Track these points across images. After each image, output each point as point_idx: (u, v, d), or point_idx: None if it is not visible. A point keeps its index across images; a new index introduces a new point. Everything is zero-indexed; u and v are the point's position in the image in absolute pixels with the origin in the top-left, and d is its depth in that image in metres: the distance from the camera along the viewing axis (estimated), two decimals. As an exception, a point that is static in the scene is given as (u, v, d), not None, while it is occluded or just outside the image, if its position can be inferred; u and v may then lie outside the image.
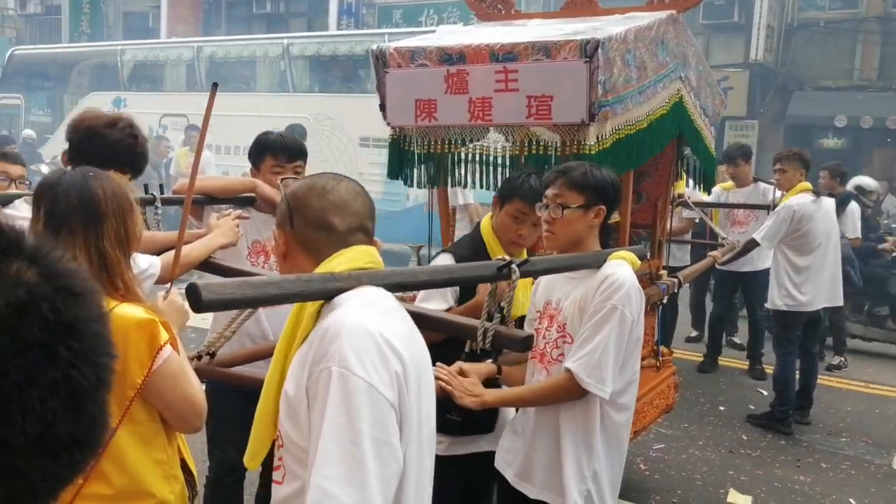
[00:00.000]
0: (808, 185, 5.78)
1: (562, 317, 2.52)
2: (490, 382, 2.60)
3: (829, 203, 5.87)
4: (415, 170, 3.72)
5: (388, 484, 1.35)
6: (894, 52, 15.56)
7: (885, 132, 15.18)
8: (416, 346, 1.54)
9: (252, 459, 1.67)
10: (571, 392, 2.41)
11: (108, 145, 2.64)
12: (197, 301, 1.34)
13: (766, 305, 6.09)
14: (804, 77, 16.30)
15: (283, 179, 3.15)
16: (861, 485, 4.89)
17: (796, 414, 5.89)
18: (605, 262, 2.49)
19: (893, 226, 12.33)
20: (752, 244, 5.84)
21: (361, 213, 1.63)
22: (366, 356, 1.37)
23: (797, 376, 5.93)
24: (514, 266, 2.05)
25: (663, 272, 4.47)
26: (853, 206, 7.73)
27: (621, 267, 2.45)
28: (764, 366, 6.97)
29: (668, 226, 4.74)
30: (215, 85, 2.13)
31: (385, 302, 1.54)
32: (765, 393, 6.55)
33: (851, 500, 4.65)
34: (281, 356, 1.56)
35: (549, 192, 2.54)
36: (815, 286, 5.73)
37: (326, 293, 1.50)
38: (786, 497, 4.65)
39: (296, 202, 1.62)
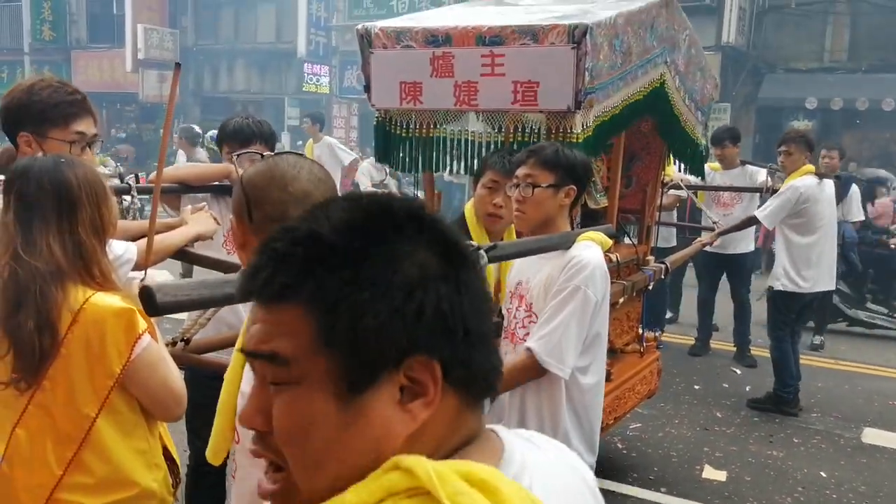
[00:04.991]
0: (812, 167, 5.81)
1: (529, 296, 2.53)
2: None
3: (831, 186, 5.89)
4: (400, 153, 3.63)
5: None
6: (863, 33, 15.72)
7: (854, 114, 15.35)
8: None
9: (214, 455, 1.61)
10: (531, 371, 2.40)
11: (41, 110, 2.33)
12: (152, 304, 1.28)
13: (768, 283, 6.07)
14: (775, 59, 16.43)
15: (238, 155, 3.01)
16: (831, 458, 5.03)
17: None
18: (573, 242, 2.48)
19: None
20: (752, 220, 5.85)
21: None
22: None
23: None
24: (481, 251, 2.01)
25: (650, 258, 4.45)
26: (855, 189, 7.82)
27: (589, 249, 2.45)
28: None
29: (658, 211, 4.70)
30: (178, 65, 2.00)
31: None
32: (738, 372, 6.71)
33: (822, 472, 4.79)
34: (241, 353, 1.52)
35: (520, 171, 2.51)
36: (818, 270, 5.74)
37: None
38: (759, 471, 4.78)
39: (255, 193, 1.50)
